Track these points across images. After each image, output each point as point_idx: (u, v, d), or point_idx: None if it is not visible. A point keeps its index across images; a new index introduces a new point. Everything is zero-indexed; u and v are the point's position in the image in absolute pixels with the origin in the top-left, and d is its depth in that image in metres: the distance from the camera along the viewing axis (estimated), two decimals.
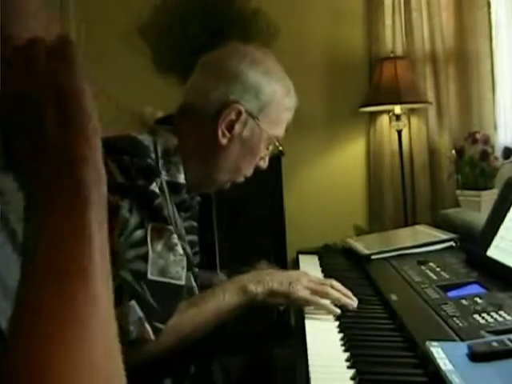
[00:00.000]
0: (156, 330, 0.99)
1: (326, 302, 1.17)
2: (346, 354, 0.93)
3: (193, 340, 1.09)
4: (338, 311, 1.16)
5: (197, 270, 1.39)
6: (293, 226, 2.83)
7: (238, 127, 1.20)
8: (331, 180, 3.10)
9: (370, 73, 2.97)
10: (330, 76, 3.08)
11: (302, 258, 1.73)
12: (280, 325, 2.31)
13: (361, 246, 1.64)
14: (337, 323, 1.10)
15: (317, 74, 3.08)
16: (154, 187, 1.06)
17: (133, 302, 0.97)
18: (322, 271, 1.56)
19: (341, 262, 1.63)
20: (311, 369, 0.89)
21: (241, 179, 1.28)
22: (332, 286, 1.19)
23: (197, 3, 2.90)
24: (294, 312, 1.26)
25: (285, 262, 2.48)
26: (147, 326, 0.98)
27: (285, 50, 3.01)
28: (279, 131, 1.27)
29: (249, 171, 1.27)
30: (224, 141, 1.20)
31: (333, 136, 3.09)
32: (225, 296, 1.11)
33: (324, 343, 1.01)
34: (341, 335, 1.02)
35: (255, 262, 1.48)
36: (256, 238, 2.74)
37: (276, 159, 2.80)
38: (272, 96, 1.22)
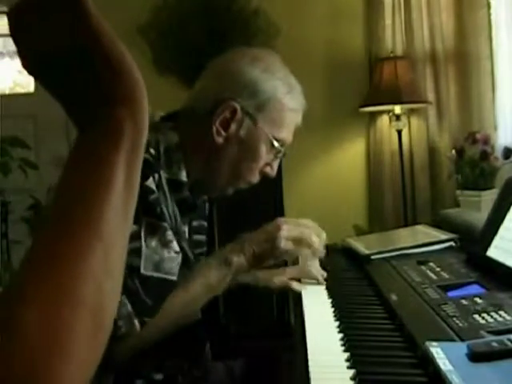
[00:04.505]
0: (143, 324, 0.99)
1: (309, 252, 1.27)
2: (346, 354, 0.92)
3: (185, 319, 1.10)
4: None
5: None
6: None
7: (233, 126, 1.14)
8: (331, 180, 3.10)
9: (370, 73, 2.97)
10: (330, 76, 3.08)
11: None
12: (280, 325, 2.31)
13: (361, 246, 1.64)
14: (337, 323, 1.10)
15: (317, 74, 3.08)
16: (150, 183, 1.03)
17: (123, 297, 0.95)
18: None
19: (341, 262, 1.63)
20: (311, 369, 0.89)
21: (244, 185, 1.21)
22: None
23: (197, 3, 2.90)
24: (294, 312, 1.26)
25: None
26: (136, 321, 0.97)
27: (285, 49, 3.01)
28: (284, 134, 1.19)
29: (252, 177, 1.20)
30: (220, 140, 1.14)
31: (333, 136, 3.09)
32: (210, 272, 1.11)
33: (324, 343, 1.01)
34: (341, 335, 1.02)
35: None
36: None
37: None
38: (272, 94, 1.15)
